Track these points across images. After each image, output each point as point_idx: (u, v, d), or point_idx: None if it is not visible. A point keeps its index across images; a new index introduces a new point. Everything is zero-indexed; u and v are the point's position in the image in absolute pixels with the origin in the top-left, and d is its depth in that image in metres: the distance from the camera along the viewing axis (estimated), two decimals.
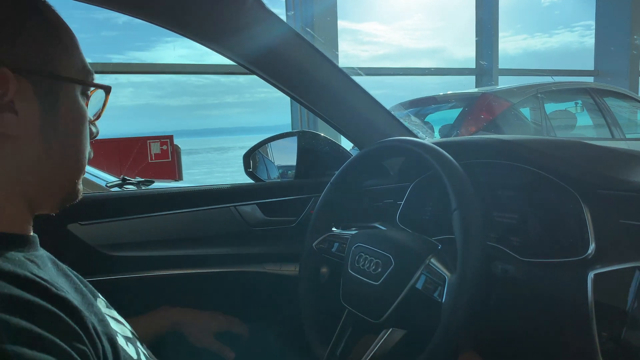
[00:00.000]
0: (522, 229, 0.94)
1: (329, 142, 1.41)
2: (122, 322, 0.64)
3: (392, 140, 0.97)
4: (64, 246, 1.06)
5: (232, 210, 1.21)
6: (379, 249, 0.86)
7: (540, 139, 0.97)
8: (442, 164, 0.81)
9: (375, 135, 1.16)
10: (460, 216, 0.74)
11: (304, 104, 1.17)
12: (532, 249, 0.90)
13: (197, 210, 1.18)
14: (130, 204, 1.13)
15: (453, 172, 0.80)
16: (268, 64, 1.06)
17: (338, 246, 1.01)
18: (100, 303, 0.62)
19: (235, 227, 1.21)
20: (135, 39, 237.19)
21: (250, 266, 1.21)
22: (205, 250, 1.17)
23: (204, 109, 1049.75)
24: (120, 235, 1.11)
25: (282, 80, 1.11)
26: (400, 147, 0.94)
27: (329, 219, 1.07)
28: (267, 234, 1.25)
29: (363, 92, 1.14)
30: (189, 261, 1.16)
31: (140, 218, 1.13)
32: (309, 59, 1.05)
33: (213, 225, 1.20)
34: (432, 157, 0.83)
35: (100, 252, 1.08)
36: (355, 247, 0.92)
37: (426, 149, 0.86)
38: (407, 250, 0.83)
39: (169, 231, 1.15)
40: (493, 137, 0.96)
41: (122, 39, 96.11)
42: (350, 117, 1.18)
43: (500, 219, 0.99)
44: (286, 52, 1.03)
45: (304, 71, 1.07)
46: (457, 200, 0.76)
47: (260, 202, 1.26)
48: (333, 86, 1.12)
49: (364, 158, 1.04)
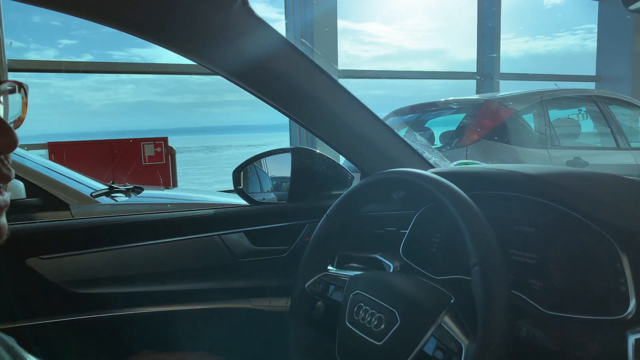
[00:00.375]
0: (544, 272, 0.82)
1: (327, 160, 1.28)
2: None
3: (401, 172, 0.84)
4: (23, 284, 0.94)
5: (217, 240, 1.09)
6: (382, 301, 0.74)
7: (569, 173, 0.84)
8: (460, 209, 0.69)
9: (380, 161, 1.04)
10: (482, 275, 0.62)
11: (300, 123, 1.05)
12: (556, 298, 0.78)
13: (177, 240, 1.06)
14: (99, 233, 1.00)
15: (473, 219, 0.68)
16: (258, 78, 0.94)
17: (334, 289, 0.89)
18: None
19: (220, 258, 1.08)
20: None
21: (236, 301, 1.09)
22: (186, 285, 1.05)
23: (204, 106, 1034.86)
24: (89, 269, 0.98)
25: (273, 97, 0.99)
26: (408, 181, 0.82)
27: (324, 257, 0.95)
28: (255, 265, 1.13)
29: (367, 112, 1.02)
30: (168, 298, 1.04)
31: (111, 250, 1.00)
32: (305, 73, 0.93)
33: (195, 257, 1.07)
34: (448, 200, 0.71)
35: (65, 290, 0.95)
36: (355, 295, 0.80)
37: (440, 187, 0.73)
38: (416, 305, 0.71)
39: (144, 264, 1.03)
40: (516, 170, 0.84)
41: (123, 35, 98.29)
42: (351, 139, 1.06)
43: (518, 258, 0.87)
44: (278, 65, 0.91)
45: (299, 87, 0.95)
46: (479, 254, 0.64)
47: (249, 229, 1.13)
48: (332, 104, 1.00)
49: (366, 188, 0.91)
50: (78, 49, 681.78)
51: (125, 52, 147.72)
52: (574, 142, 4.14)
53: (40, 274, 0.94)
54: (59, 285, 0.95)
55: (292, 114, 1.01)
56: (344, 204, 0.93)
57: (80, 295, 0.97)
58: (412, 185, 0.81)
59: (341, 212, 0.93)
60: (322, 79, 0.96)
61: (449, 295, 0.73)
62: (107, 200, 2.54)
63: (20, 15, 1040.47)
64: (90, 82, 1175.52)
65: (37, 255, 0.94)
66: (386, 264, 1.04)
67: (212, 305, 1.07)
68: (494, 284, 0.62)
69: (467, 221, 0.67)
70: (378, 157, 1.09)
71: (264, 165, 1.44)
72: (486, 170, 0.89)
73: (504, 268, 0.64)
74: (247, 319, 1.10)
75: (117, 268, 1.00)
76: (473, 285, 0.64)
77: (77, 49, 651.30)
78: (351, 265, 1.02)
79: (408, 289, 0.75)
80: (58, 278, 0.95)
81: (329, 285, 0.90)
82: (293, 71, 0.93)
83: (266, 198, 1.38)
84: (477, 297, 0.62)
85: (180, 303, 1.05)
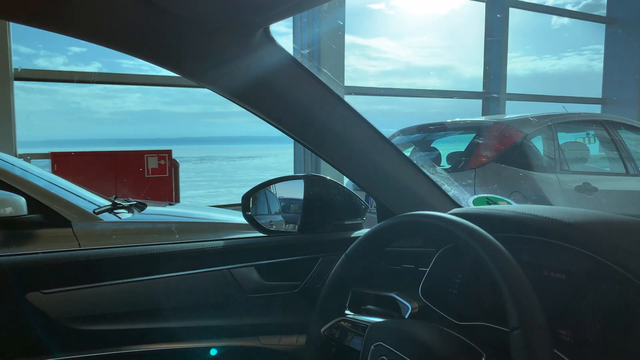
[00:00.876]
0: (575, 323, 0.76)
1: (341, 189, 1.24)
2: None
3: (432, 216, 0.78)
4: (22, 320, 0.89)
5: (226, 274, 1.04)
6: (408, 357, 0.69)
7: (606, 221, 0.79)
8: (500, 265, 0.64)
9: (400, 197, 0.99)
10: (524, 341, 0.57)
11: (311, 149, 1.00)
12: (589, 353, 0.72)
13: (186, 274, 1.00)
14: (103, 265, 0.95)
15: (514, 277, 0.63)
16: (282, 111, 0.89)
17: (353, 336, 0.83)
18: None
19: (229, 293, 1.03)
20: None
21: (245, 339, 1.04)
22: (193, 322, 1.00)
23: (210, 117, 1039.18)
24: (92, 304, 0.93)
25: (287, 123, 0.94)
26: (440, 227, 0.76)
27: (342, 300, 0.90)
28: (265, 300, 1.07)
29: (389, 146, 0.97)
30: (174, 335, 0.98)
31: (115, 285, 0.95)
32: (325, 104, 0.89)
33: (203, 292, 1.02)
34: (485, 252, 0.66)
35: (66, 327, 0.90)
36: (376, 347, 0.74)
37: (475, 237, 0.68)
38: None
39: (150, 299, 0.98)
40: (549, 217, 0.79)
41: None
42: (370, 172, 1.01)
43: (545, 305, 0.81)
44: (302, 97, 0.86)
45: (317, 117, 0.90)
46: (521, 318, 0.59)
47: (259, 263, 1.08)
48: (348, 134, 0.95)
49: (392, 230, 0.86)
50: (87, 56, 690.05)
51: (134, 61, 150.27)
52: (583, 166, 4.09)
53: (41, 310, 0.89)
54: (58, 322, 0.90)
55: (306, 142, 0.96)
56: (365, 245, 0.88)
57: (82, 332, 0.91)
58: (443, 231, 0.75)
59: (361, 253, 0.88)
60: (340, 109, 0.92)
61: (480, 352, 0.68)
62: (110, 217, 2.50)
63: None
64: (98, 89, 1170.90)
65: (38, 289, 0.89)
66: (404, 305, 0.98)
67: (220, 343, 1.01)
68: (537, 352, 0.56)
69: (507, 280, 0.62)
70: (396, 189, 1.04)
71: (275, 191, 1.39)
72: (516, 214, 0.84)
73: (547, 332, 0.59)
74: (255, 357, 1.04)
75: (121, 303, 0.95)
76: (513, 351, 0.59)
77: (86, 57, 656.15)
78: (369, 309, 0.97)
79: (436, 344, 0.70)
80: (59, 314, 0.90)
81: (346, 332, 0.85)
82: (311, 100, 0.88)
83: (275, 226, 1.33)
84: None
85: (187, 340, 0.99)
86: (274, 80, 0.84)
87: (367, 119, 0.96)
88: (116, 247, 0.98)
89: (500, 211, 0.87)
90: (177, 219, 2.75)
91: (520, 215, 0.83)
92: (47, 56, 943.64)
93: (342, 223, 1.24)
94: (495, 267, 0.64)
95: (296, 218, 1.30)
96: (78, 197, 2.51)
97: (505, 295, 0.61)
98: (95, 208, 2.45)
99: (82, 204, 2.42)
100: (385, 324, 0.81)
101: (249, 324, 1.05)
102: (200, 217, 2.86)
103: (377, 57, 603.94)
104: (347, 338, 0.84)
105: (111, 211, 2.57)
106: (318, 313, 0.89)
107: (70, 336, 0.91)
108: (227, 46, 0.76)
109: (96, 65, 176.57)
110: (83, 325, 0.92)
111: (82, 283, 0.93)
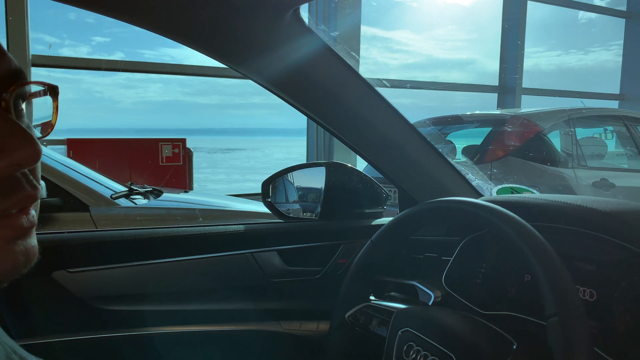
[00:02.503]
0: (604, 313, 0.75)
1: (362, 176, 1.23)
2: None
3: (466, 203, 0.77)
4: (48, 298, 0.89)
5: (249, 258, 1.03)
6: (437, 343, 0.68)
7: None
8: (534, 249, 0.63)
9: (425, 185, 0.98)
10: (563, 328, 0.56)
11: (339, 137, 0.99)
12: (618, 343, 0.71)
13: (209, 257, 1.00)
14: (128, 246, 0.96)
15: (550, 263, 0.62)
16: (305, 91, 0.88)
17: (378, 323, 0.83)
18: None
19: (251, 277, 1.03)
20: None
21: (266, 323, 1.04)
22: (215, 305, 1.00)
23: (230, 108, 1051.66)
24: (115, 285, 0.93)
25: (317, 110, 0.93)
26: (472, 213, 0.75)
27: (366, 286, 0.89)
28: (286, 285, 1.07)
29: (415, 133, 0.96)
30: (196, 317, 0.98)
31: (139, 265, 0.95)
32: (354, 88, 0.88)
33: (226, 275, 1.02)
34: (520, 238, 0.65)
35: (91, 306, 0.91)
36: (403, 333, 0.74)
37: (510, 223, 0.67)
38: (476, 351, 0.65)
39: (173, 281, 0.98)
40: (585, 205, 0.77)
41: (154, 35, 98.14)
42: (397, 161, 1.00)
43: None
44: (327, 79, 0.85)
45: (345, 102, 0.89)
46: (559, 304, 0.57)
47: (282, 248, 1.08)
48: (376, 121, 0.94)
49: (420, 216, 0.84)
50: (110, 46, 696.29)
51: (156, 51, 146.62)
52: (601, 162, 4.03)
53: (67, 288, 0.89)
54: (84, 300, 0.90)
55: (333, 128, 0.96)
56: (392, 231, 0.87)
57: (106, 311, 0.92)
58: (475, 217, 0.74)
59: (388, 239, 0.87)
60: (370, 97, 0.91)
61: (511, 340, 0.67)
62: (126, 202, 2.51)
63: (57, 12, 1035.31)
64: (121, 79, 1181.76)
65: (64, 268, 0.90)
66: (425, 293, 0.98)
67: (241, 327, 1.01)
68: (575, 338, 0.55)
69: (544, 266, 0.61)
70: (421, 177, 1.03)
71: (295, 178, 1.38)
72: (548, 203, 0.82)
73: (586, 320, 0.58)
74: (276, 341, 1.04)
75: (145, 285, 0.95)
76: (550, 338, 0.58)
77: (109, 47, 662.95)
78: (392, 295, 0.96)
79: (465, 332, 0.69)
80: (84, 293, 0.90)
81: (371, 318, 0.84)
82: (340, 86, 0.87)
83: (295, 213, 1.33)
84: (555, 353, 0.56)
85: (208, 323, 0.99)
86: (303, 63, 0.83)
87: (393, 106, 0.95)
88: (141, 228, 0.98)
89: (531, 199, 0.86)
90: (193, 206, 2.76)
91: (552, 204, 0.81)
92: (71, 45, 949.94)
93: (363, 211, 1.24)
94: (531, 253, 0.63)
95: (315, 205, 1.29)
96: (95, 182, 2.53)
97: (541, 282, 0.60)
98: (112, 193, 2.47)
99: (99, 189, 2.44)
100: (412, 310, 0.80)
101: (270, 309, 1.05)
102: (217, 204, 2.87)
103: (399, 49, 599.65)
104: (372, 323, 0.84)
105: (127, 197, 2.58)
106: (342, 298, 0.89)
107: (94, 315, 0.91)
108: (256, 27, 0.75)
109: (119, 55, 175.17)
110: (107, 305, 0.92)
111: (106, 263, 0.93)
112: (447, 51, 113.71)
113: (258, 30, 0.75)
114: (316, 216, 1.24)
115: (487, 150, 3.59)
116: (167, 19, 0.71)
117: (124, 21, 0.69)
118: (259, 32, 0.76)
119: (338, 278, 1.09)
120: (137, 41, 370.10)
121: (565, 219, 0.79)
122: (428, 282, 1.00)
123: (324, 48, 0.83)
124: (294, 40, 0.80)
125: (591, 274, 0.79)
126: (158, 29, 0.73)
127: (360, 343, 0.88)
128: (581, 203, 0.78)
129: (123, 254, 0.95)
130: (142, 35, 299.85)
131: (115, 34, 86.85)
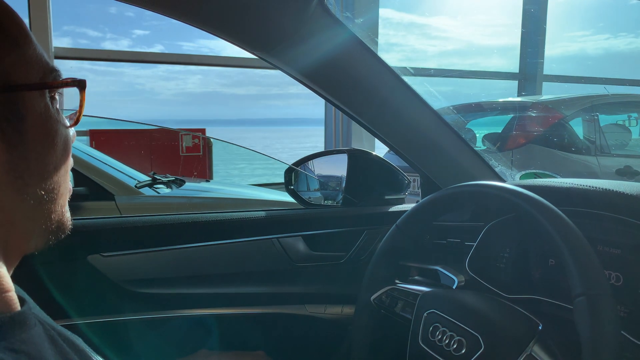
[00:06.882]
0: (631, 298, 0.75)
1: (384, 163, 1.23)
2: None
3: (493, 186, 0.77)
4: (84, 280, 0.93)
5: (275, 243, 1.06)
6: (463, 324, 0.69)
7: None
8: (561, 231, 0.63)
9: (448, 171, 0.99)
10: (590, 307, 0.57)
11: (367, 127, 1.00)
12: None
13: (237, 242, 1.03)
14: (158, 232, 0.99)
15: (577, 244, 0.62)
16: (330, 80, 0.89)
17: (403, 305, 0.84)
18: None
19: (277, 262, 1.05)
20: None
21: (292, 307, 1.06)
22: (242, 288, 1.03)
23: (267, 99, 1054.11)
24: (147, 269, 0.96)
25: (344, 99, 0.94)
26: (498, 196, 0.75)
27: (392, 269, 0.90)
28: (312, 270, 1.09)
29: (440, 120, 0.97)
30: (224, 300, 1.01)
31: (169, 250, 0.98)
32: (379, 77, 0.88)
33: (253, 259, 1.04)
34: (546, 220, 0.65)
35: (124, 289, 0.94)
36: (429, 314, 0.75)
37: (536, 205, 0.68)
38: (502, 331, 0.66)
39: (203, 265, 1.01)
40: (611, 189, 0.77)
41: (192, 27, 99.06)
42: (421, 147, 1.01)
43: None
44: (352, 67, 0.86)
45: (372, 91, 0.90)
46: (585, 283, 0.58)
47: (307, 234, 1.10)
48: (403, 109, 0.95)
49: (446, 200, 0.85)
50: (150, 39, 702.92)
51: (195, 43, 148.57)
52: (625, 149, 3.96)
53: (101, 272, 0.92)
54: (117, 284, 0.94)
55: (361, 118, 0.97)
56: (417, 215, 0.88)
57: (138, 294, 0.95)
58: (500, 200, 0.75)
59: (413, 224, 0.88)
60: (396, 84, 0.91)
61: (536, 321, 0.68)
62: (150, 191, 2.56)
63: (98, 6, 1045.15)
64: (161, 71, 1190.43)
65: (99, 252, 0.93)
66: (449, 277, 0.99)
67: (268, 310, 1.04)
68: (603, 318, 0.56)
69: (571, 246, 0.62)
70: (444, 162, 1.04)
71: (316, 165, 1.40)
72: (575, 187, 0.82)
73: (613, 300, 0.58)
74: (301, 324, 1.07)
75: (175, 269, 0.98)
76: (577, 317, 0.58)
77: (149, 39, 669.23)
78: (417, 279, 0.97)
79: (491, 313, 0.70)
80: (118, 276, 0.94)
81: (397, 300, 0.86)
82: (366, 74, 0.88)
83: (317, 199, 1.35)
84: (582, 332, 0.57)
85: (236, 306, 1.02)
86: (330, 53, 0.84)
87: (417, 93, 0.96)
88: (172, 214, 1.01)
89: (556, 184, 0.86)
90: (216, 195, 2.80)
91: (577, 188, 0.81)
92: (112, 39, 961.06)
93: (385, 197, 1.25)
94: (557, 234, 0.63)
95: (337, 192, 1.31)
96: (120, 171, 2.59)
97: (568, 262, 0.61)
98: (136, 183, 2.52)
99: (124, 178, 2.49)
100: (438, 292, 0.81)
101: (296, 292, 1.07)
102: (239, 194, 2.91)
103: (437, 36, 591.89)
104: (397, 306, 0.86)
105: (151, 186, 2.63)
106: (368, 281, 0.90)
107: (127, 298, 0.94)
108: (283, 15, 0.76)
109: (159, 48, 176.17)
110: (139, 288, 0.95)
111: (139, 248, 0.96)
112: (487, 37, 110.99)
113: (284, 19, 0.76)
114: (338, 203, 1.26)
115: (509, 138, 3.55)
116: (197, 8, 0.72)
117: (153, 11, 0.71)
118: (285, 21, 0.77)
119: (362, 263, 1.11)
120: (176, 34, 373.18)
121: (590, 202, 0.80)
122: (451, 267, 1.01)
123: (350, 37, 0.84)
124: (320, 29, 0.81)
125: (617, 258, 0.79)
126: (187, 18, 0.74)
127: (386, 325, 0.89)
128: (607, 187, 0.78)
129: (153, 239, 0.98)
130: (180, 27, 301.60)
131: (155, 26, 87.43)
